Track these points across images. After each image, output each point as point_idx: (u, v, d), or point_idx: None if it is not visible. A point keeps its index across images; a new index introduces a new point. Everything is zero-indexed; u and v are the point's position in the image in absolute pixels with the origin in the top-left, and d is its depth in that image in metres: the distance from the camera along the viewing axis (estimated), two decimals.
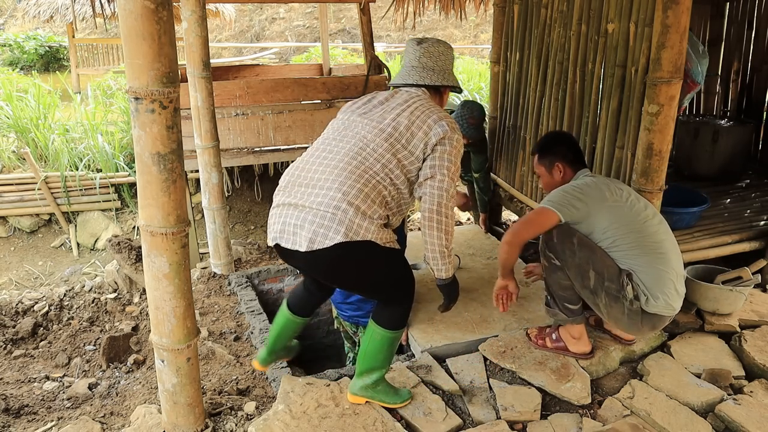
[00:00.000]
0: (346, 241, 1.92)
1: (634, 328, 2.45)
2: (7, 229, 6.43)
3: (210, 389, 2.61)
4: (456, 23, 14.33)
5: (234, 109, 4.22)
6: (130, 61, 1.78)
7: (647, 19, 2.61)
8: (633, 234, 2.35)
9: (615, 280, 2.34)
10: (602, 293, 2.37)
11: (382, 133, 2.06)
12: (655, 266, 2.34)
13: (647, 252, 2.35)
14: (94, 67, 10.62)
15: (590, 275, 2.35)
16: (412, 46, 2.28)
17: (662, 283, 2.34)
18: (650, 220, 2.41)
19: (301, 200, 2.01)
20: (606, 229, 2.36)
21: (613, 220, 2.36)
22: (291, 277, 3.84)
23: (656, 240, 2.38)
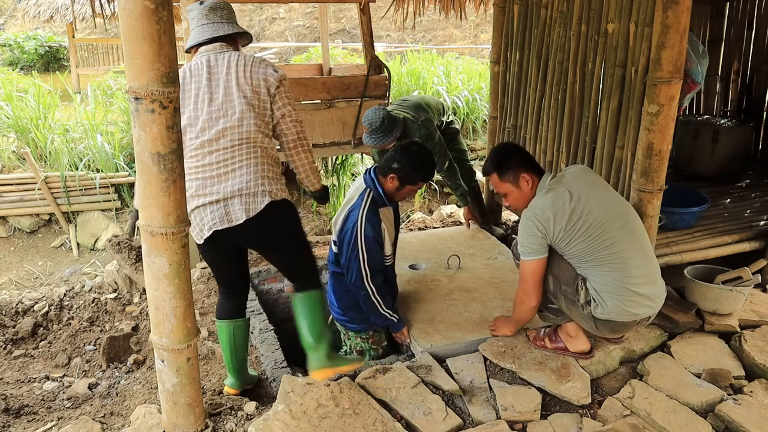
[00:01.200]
0: (272, 200, 2.31)
1: (592, 330, 2.51)
2: (7, 229, 6.43)
3: (210, 389, 2.61)
4: (456, 23, 14.33)
5: None
6: (130, 61, 1.78)
7: (647, 19, 2.61)
8: (593, 241, 2.33)
9: (570, 284, 2.43)
10: (561, 296, 2.48)
11: (243, 107, 2.28)
12: (607, 275, 2.35)
13: (599, 262, 2.36)
14: (94, 67, 10.61)
15: (549, 279, 2.47)
16: (196, 8, 2.45)
17: (615, 291, 2.34)
18: (609, 227, 2.32)
19: (221, 195, 2.28)
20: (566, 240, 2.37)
21: (573, 230, 2.34)
22: None
23: (612, 249, 2.33)
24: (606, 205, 2.38)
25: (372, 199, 2.74)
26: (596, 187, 2.44)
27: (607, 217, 2.34)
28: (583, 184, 2.41)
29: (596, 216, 2.33)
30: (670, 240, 3.22)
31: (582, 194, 2.36)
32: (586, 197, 2.35)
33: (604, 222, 2.33)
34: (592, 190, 2.40)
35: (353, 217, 2.71)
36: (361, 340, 2.98)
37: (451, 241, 3.98)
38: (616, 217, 2.37)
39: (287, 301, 3.89)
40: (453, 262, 3.56)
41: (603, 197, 2.41)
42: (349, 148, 4.78)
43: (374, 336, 2.97)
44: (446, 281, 3.38)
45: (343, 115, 4.60)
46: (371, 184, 2.77)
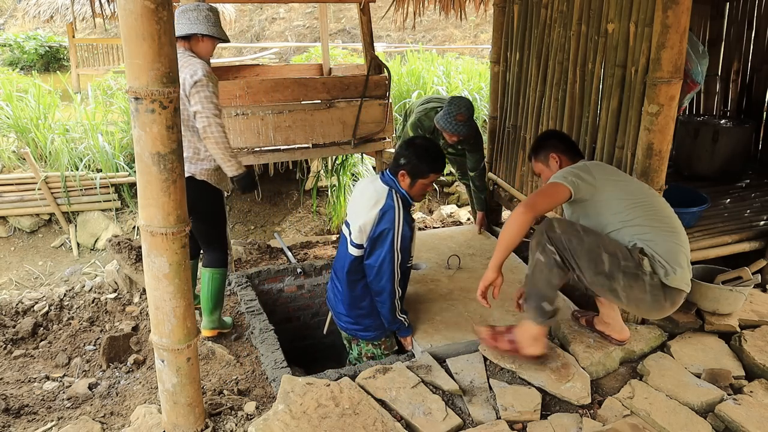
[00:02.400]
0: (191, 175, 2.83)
1: (657, 306, 2.32)
2: (7, 229, 6.43)
3: (210, 389, 2.61)
4: (456, 23, 14.33)
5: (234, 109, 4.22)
6: (130, 61, 1.78)
7: (647, 19, 2.61)
8: (642, 207, 2.33)
9: (630, 258, 2.24)
10: (619, 274, 2.24)
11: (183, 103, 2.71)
12: (668, 240, 2.30)
13: (659, 226, 2.32)
14: (94, 67, 10.61)
15: (604, 258, 2.23)
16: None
17: (677, 255, 2.28)
18: (656, 198, 2.44)
19: None
20: (615, 203, 2.33)
21: (622, 194, 2.35)
22: (291, 277, 3.85)
23: (666, 214, 2.38)
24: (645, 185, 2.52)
25: (401, 198, 2.70)
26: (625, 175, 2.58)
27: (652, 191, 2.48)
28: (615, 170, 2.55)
29: (643, 185, 2.47)
30: None
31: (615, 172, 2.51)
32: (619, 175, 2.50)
33: (653, 192, 2.46)
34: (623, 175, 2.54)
35: (389, 217, 2.63)
36: (373, 346, 2.95)
37: (451, 241, 3.98)
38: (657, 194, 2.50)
39: (287, 301, 3.90)
40: (453, 262, 3.56)
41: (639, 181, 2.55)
42: (349, 148, 4.78)
43: (386, 342, 2.95)
44: (446, 281, 3.38)
45: (343, 115, 4.59)
46: (394, 185, 2.72)
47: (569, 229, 2.29)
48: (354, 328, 2.90)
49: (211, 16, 2.86)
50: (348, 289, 2.82)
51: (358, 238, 2.71)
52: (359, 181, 3.01)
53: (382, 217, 2.64)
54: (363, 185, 2.86)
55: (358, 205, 2.77)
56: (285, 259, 3.94)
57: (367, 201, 2.70)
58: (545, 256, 2.31)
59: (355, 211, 2.77)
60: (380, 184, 2.74)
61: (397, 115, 7.60)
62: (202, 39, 2.85)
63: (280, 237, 4.21)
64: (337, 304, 2.92)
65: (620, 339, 2.68)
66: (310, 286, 3.93)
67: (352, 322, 2.89)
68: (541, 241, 2.32)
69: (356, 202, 2.81)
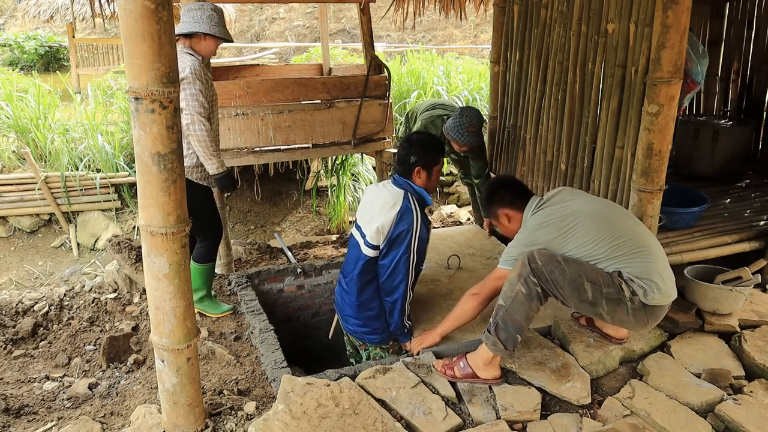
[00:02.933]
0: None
1: (641, 324, 2.40)
2: (7, 229, 6.43)
3: (210, 389, 2.61)
4: (456, 23, 14.33)
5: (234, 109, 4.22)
6: (130, 61, 1.78)
7: (647, 19, 2.61)
8: (606, 240, 2.36)
9: (611, 284, 2.33)
10: (602, 301, 2.33)
11: None
12: (640, 260, 2.36)
13: (627, 250, 2.36)
14: (94, 67, 10.61)
15: (586, 287, 2.32)
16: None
17: (650, 274, 2.35)
18: (618, 217, 2.45)
19: None
20: (575, 247, 2.39)
21: (581, 240, 2.37)
22: (291, 277, 3.85)
23: (631, 233, 2.40)
24: (599, 206, 2.48)
25: (418, 201, 2.73)
26: (582, 197, 2.56)
27: (607, 214, 2.44)
28: (571, 199, 2.52)
29: (595, 214, 2.41)
30: (670, 240, 3.22)
31: (570, 204, 2.47)
32: (576, 204, 2.46)
33: (606, 218, 2.41)
34: (580, 199, 2.52)
35: (407, 219, 2.66)
36: (381, 350, 2.95)
37: (451, 241, 3.98)
38: (615, 212, 2.49)
39: (287, 301, 3.90)
40: (453, 262, 3.56)
41: (591, 200, 2.53)
42: (349, 148, 4.78)
43: (393, 346, 2.96)
44: (446, 281, 3.38)
45: (343, 115, 4.59)
46: (408, 187, 2.75)
47: (551, 260, 2.34)
48: (362, 330, 2.89)
49: (214, 15, 2.89)
50: (358, 291, 2.81)
51: (374, 239, 2.71)
52: (369, 187, 3.04)
53: (401, 218, 2.66)
54: (375, 190, 2.88)
55: (373, 208, 2.77)
56: (285, 259, 3.94)
57: (383, 204, 2.72)
58: (527, 288, 2.33)
59: (370, 214, 2.76)
60: (393, 188, 2.77)
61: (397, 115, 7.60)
62: (204, 38, 2.90)
63: (280, 237, 4.21)
64: (345, 307, 2.91)
65: (619, 337, 2.68)
66: (310, 286, 3.93)
67: (361, 324, 2.88)
68: (522, 273, 2.35)
69: (370, 206, 2.81)
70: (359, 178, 6.77)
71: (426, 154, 2.76)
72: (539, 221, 2.46)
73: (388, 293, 2.76)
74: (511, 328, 2.36)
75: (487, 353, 2.44)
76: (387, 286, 2.75)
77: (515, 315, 2.35)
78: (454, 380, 2.50)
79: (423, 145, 2.78)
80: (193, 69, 2.80)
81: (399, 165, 2.80)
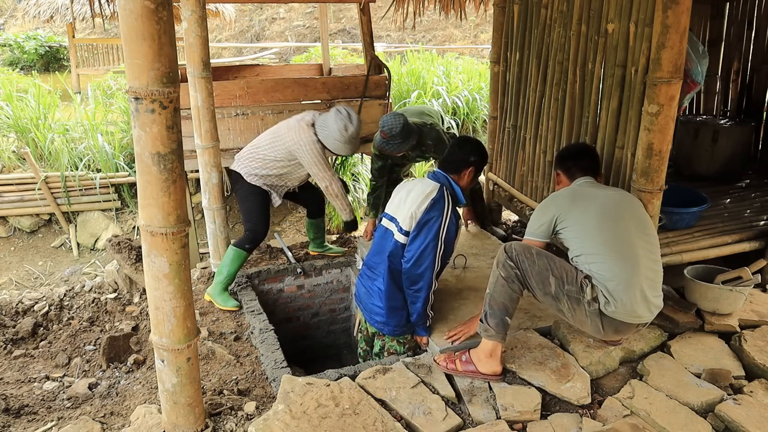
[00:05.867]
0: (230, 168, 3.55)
1: (596, 331, 2.50)
2: (7, 229, 6.43)
3: (210, 389, 2.61)
4: (456, 23, 14.33)
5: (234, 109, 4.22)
6: (130, 61, 1.78)
7: (647, 19, 2.60)
8: (596, 237, 2.42)
9: (574, 283, 2.42)
10: (564, 297, 2.45)
11: None
12: (617, 271, 2.37)
13: (612, 257, 2.39)
14: (94, 67, 10.62)
15: (551, 281, 2.44)
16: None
17: (626, 287, 2.36)
18: (622, 223, 2.46)
19: None
20: (573, 233, 2.48)
21: (580, 226, 2.47)
22: (291, 277, 3.85)
23: (626, 243, 2.42)
24: (622, 207, 2.53)
25: (452, 197, 2.79)
26: (618, 192, 2.64)
27: (624, 213, 2.49)
28: (606, 189, 2.64)
29: (610, 207, 2.49)
30: (670, 240, 3.22)
31: (602, 192, 2.58)
32: (608, 195, 2.56)
33: (621, 216, 2.47)
34: (612, 192, 2.60)
35: (439, 207, 2.72)
36: (398, 343, 2.95)
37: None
38: (633, 215, 2.51)
39: (287, 301, 3.90)
40: (459, 262, 3.57)
41: (621, 198, 2.58)
42: None
43: (410, 340, 2.96)
44: (454, 281, 3.38)
45: None
46: (446, 182, 2.81)
47: (524, 251, 2.49)
48: (383, 321, 2.90)
49: (345, 135, 3.31)
50: (389, 277, 2.83)
51: (407, 224, 2.76)
52: (402, 182, 3.12)
53: (433, 205, 2.73)
54: (409, 184, 2.94)
55: (407, 198, 2.82)
56: (285, 259, 3.94)
57: (419, 193, 2.78)
58: (506, 272, 2.47)
59: (404, 203, 2.82)
60: (429, 181, 2.84)
61: None
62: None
63: (280, 237, 4.21)
64: (371, 297, 2.92)
65: (612, 341, 2.67)
66: (310, 286, 3.93)
67: (385, 314, 2.88)
68: (500, 258, 2.51)
69: (405, 197, 2.85)
70: (359, 178, 6.77)
71: (482, 156, 2.90)
72: (564, 190, 2.67)
73: (413, 281, 2.75)
74: (497, 311, 2.45)
75: (486, 345, 2.48)
76: (412, 273, 2.74)
77: (498, 298, 2.47)
78: (454, 373, 2.52)
79: (479, 148, 2.91)
80: (312, 144, 3.32)
81: (449, 163, 2.87)
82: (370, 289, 2.93)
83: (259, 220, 3.48)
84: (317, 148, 3.33)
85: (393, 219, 2.86)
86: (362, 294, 2.99)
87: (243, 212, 3.57)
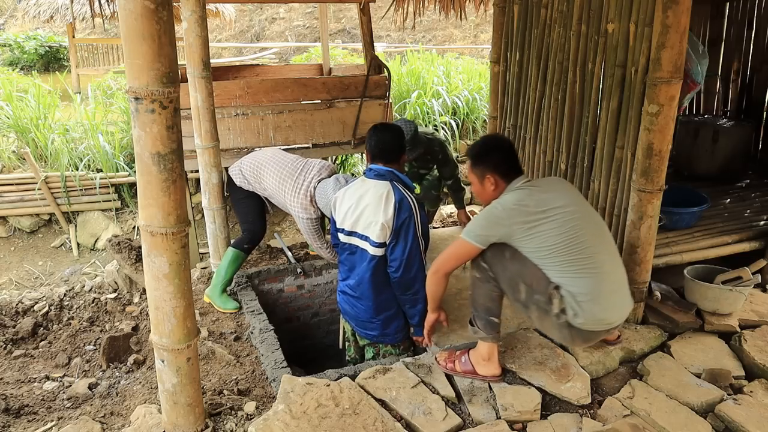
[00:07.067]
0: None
1: (567, 340, 2.44)
2: (7, 229, 6.43)
3: (210, 389, 2.61)
4: (456, 23, 14.33)
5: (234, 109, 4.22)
6: (130, 61, 1.78)
7: (647, 19, 2.60)
8: (559, 251, 2.26)
9: (543, 293, 2.30)
10: (533, 306, 2.35)
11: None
12: (584, 280, 2.27)
13: (577, 269, 2.27)
14: (94, 67, 10.62)
15: (521, 288, 2.34)
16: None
17: (595, 299, 2.27)
18: (582, 232, 2.28)
19: None
20: (531, 249, 2.31)
21: (537, 241, 2.28)
22: (291, 277, 3.85)
23: (587, 253, 2.27)
24: (576, 210, 2.32)
25: (407, 187, 2.72)
26: (568, 193, 2.39)
27: (578, 222, 2.29)
28: (557, 189, 2.39)
29: (567, 217, 2.27)
30: (670, 240, 3.22)
31: (551, 196, 2.33)
32: (556, 200, 2.32)
33: (576, 225, 2.27)
34: (564, 195, 2.36)
35: (406, 205, 2.65)
36: (392, 347, 2.94)
37: (452, 241, 3.98)
38: (587, 222, 2.33)
39: (287, 301, 3.90)
40: None
41: (573, 202, 2.35)
42: (349, 148, 4.78)
43: (405, 343, 2.96)
44: (453, 281, 3.37)
45: (343, 115, 4.59)
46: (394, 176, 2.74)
47: (498, 254, 2.37)
48: (380, 334, 2.85)
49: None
50: (375, 294, 2.77)
51: (380, 236, 2.67)
52: (342, 191, 2.89)
53: (400, 207, 2.65)
54: (351, 191, 2.80)
55: (361, 206, 2.72)
56: (285, 259, 3.94)
57: (375, 200, 2.67)
58: (481, 273, 2.42)
59: (363, 215, 2.71)
60: (376, 182, 2.73)
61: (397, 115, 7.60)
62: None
63: (280, 237, 4.21)
64: (361, 313, 2.86)
65: (609, 339, 2.68)
66: (310, 286, 3.93)
67: (379, 326, 2.83)
68: (476, 260, 2.44)
69: (355, 205, 2.74)
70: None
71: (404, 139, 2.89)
72: (516, 198, 2.33)
73: (407, 287, 2.72)
74: (481, 312, 2.43)
75: (482, 348, 2.47)
76: (404, 279, 2.70)
77: (479, 299, 2.45)
78: (453, 374, 2.51)
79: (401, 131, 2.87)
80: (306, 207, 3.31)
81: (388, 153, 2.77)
82: (355, 306, 2.88)
83: (255, 220, 3.50)
84: (314, 225, 3.36)
85: (362, 236, 2.75)
86: (349, 310, 2.95)
87: (239, 214, 3.59)
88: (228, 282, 3.45)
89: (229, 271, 3.42)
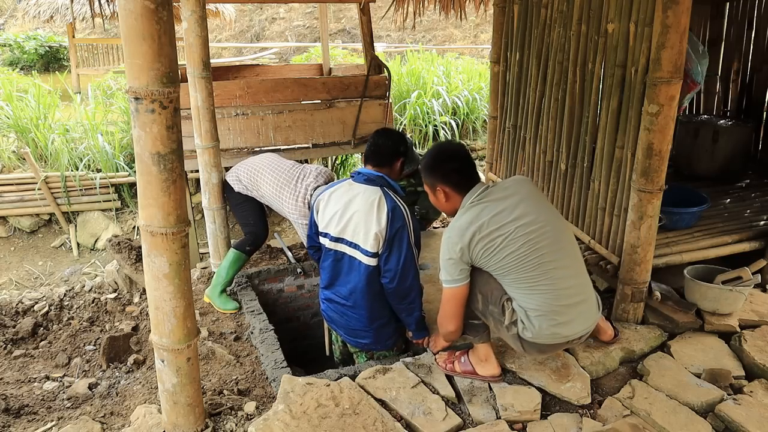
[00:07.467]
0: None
1: (521, 352, 2.40)
2: (7, 229, 6.43)
3: (210, 389, 2.61)
4: (456, 23, 14.33)
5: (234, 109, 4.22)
6: (130, 61, 1.78)
7: (647, 19, 2.60)
8: (514, 269, 2.21)
9: (497, 304, 2.30)
10: (489, 316, 2.35)
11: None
12: (536, 297, 2.23)
13: (526, 283, 2.23)
14: (94, 67, 10.63)
15: (478, 297, 2.34)
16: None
17: (545, 313, 2.23)
18: (539, 246, 2.20)
19: None
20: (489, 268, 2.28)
21: (493, 261, 2.24)
22: (291, 277, 3.85)
23: (541, 269, 2.21)
24: (533, 220, 2.22)
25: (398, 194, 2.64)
26: (526, 201, 2.27)
27: (534, 235, 2.20)
28: (511, 199, 2.27)
29: (521, 233, 2.20)
30: (670, 240, 3.22)
31: (507, 210, 2.23)
32: (511, 213, 2.22)
33: (531, 240, 2.20)
34: (521, 204, 2.25)
35: (399, 214, 2.56)
36: (387, 350, 2.92)
37: None
38: (544, 234, 2.22)
39: (287, 301, 3.90)
40: None
41: (531, 211, 2.24)
42: (349, 148, 4.78)
43: (399, 345, 2.94)
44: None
45: (343, 115, 4.59)
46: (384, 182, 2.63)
47: None
48: (373, 341, 2.80)
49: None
50: (369, 303, 2.70)
51: (373, 246, 2.58)
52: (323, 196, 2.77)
53: (393, 216, 2.55)
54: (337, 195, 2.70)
55: (349, 213, 2.64)
56: (285, 259, 3.94)
57: (365, 207, 2.59)
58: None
59: (351, 222, 2.63)
60: (365, 187, 2.63)
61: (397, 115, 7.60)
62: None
63: (280, 237, 4.21)
64: (352, 323, 2.78)
65: (605, 339, 2.67)
66: (310, 286, 3.93)
67: (372, 334, 2.78)
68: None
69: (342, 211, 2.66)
70: None
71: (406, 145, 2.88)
72: (469, 221, 2.24)
73: (403, 297, 2.66)
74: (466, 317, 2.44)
75: (478, 349, 2.48)
76: (400, 289, 2.63)
77: None
78: (453, 374, 2.51)
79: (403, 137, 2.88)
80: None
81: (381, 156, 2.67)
82: (346, 315, 2.79)
83: (257, 223, 3.49)
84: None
85: (351, 244, 2.66)
86: (338, 319, 2.84)
87: (240, 218, 3.56)
88: (228, 283, 3.45)
89: (229, 272, 3.42)
